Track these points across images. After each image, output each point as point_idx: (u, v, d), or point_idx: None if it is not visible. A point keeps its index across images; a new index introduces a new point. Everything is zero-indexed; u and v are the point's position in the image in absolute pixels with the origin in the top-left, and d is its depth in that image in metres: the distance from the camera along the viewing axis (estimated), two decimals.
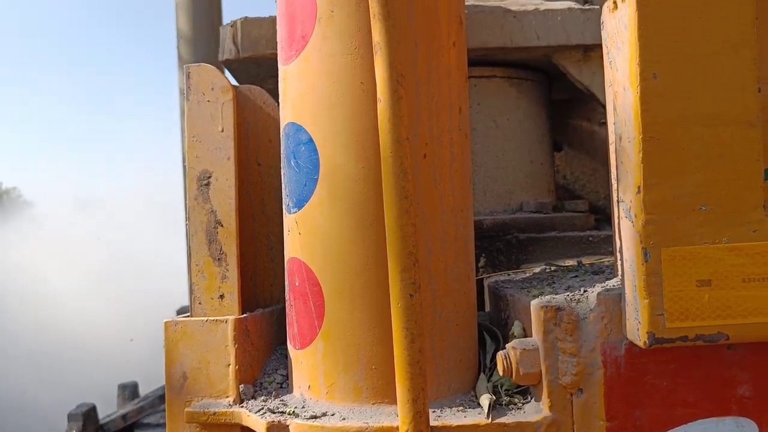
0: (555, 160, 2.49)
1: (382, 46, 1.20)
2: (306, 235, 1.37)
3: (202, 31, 4.92)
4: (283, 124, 1.45)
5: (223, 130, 1.52)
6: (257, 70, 1.97)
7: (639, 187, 1.11)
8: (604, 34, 1.29)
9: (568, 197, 3.09)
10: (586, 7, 1.88)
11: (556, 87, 2.28)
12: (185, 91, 1.53)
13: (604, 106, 1.61)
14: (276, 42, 1.51)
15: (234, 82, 2.18)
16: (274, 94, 2.11)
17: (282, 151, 1.46)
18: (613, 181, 1.28)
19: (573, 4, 1.91)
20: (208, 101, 1.52)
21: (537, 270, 1.66)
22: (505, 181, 2.00)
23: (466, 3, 1.90)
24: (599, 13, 1.43)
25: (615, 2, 1.18)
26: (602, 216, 2.52)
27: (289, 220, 1.42)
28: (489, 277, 1.75)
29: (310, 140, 1.36)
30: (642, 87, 1.11)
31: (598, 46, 1.76)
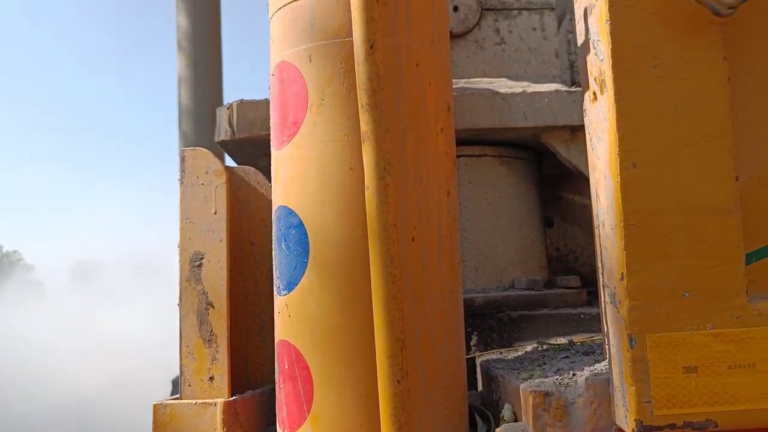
0: (547, 234, 2.51)
1: (370, 136, 1.23)
2: (295, 317, 1.38)
3: (204, 105, 5.03)
4: (274, 206, 1.47)
5: (216, 213, 1.54)
6: (252, 149, 2.02)
7: (622, 273, 1.13)
8: (586, 120, 1.34)
9: (562, 269, 3.10)
10: (573, 89, 1.94)
11: (546, 161, 2.32)
12: (180, 174, 1.57)
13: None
14: (270, 123, 1.56)
15: (229, 160, 2.23)
16: (268, 171, 2.16)
17: (273, 234, 1.48)
18: (599, 264, 1.30)
19: (560, 87, 1.97)
20: (202, 184, 1.55)
21: (529, 349, 1.66)
22: (496, 258, 2.02)
23: (456, 86, 1.96)
24: None
25: (594, 93, 1.23)
26: (595, 288, 2.52)
27: (279, 302, 1.43)
28: (481, 355, 1.75)
29: (301, 224, 1.39)
30: (622, 176, 1.14)
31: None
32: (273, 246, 1.48)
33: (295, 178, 1.40)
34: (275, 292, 1.46)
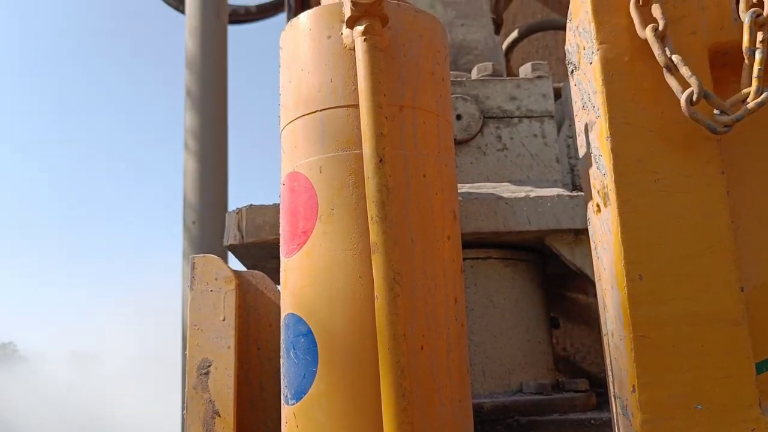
0: (553, 335, 2.50)
1: (380, 247, 1.26)
2: (304, 428, 1.36)
3: (209, 199, 5.11)
4: (283, 314, 1.48)
5: (224, 319, 1.55)
6: (260, 252, 2.04)
7: (633, 386, 1.13)
8: (590, 229, 1.37)
9: (569, 370, 3.06)
10: (574, 194, 1.98)
11: (550, 262, 2.34)
12: (189, 281, 1.58)
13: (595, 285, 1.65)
14: (279, 227, 1.59)
15: (237, 263, 2.25)
16: (275, 273, 2.18)
17: (282, 341, 1.48)
18: (609, 373, 1.29)
19: (562, 191, 2.02)
20: (211, 291, 1.57)
21: None
22: (504, 361, 2.01)
23: (460, 190, 2.01)
24: None
25: (598, 205, 1.26)
26: (603, 389, 2.49)
27: (287, 411, 1.42)
28: None
29: (309, 332, 1.39)
30: (629, 288, 1.15)
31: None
32: (281, 354, 1.48)
33: (305, 286, 1.42)
34: (283, 401, 1.45)
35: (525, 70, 2.19)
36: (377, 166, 1.30)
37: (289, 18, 4.54)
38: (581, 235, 1.99)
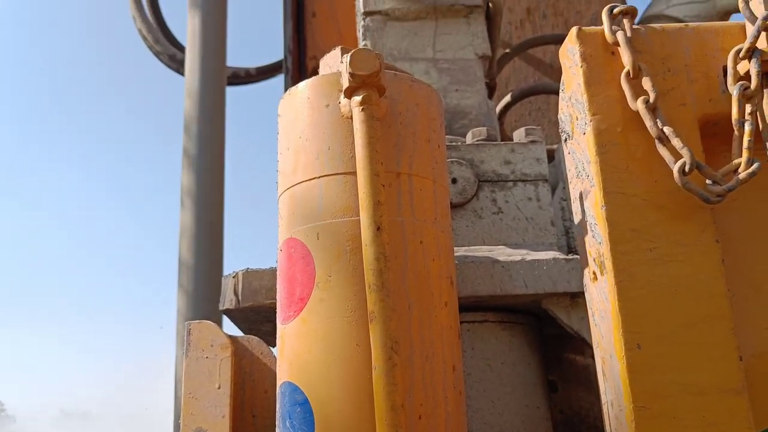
0: (552, 399, 2.47)
1: (378, 315, 1.26)
2: None
3: (204, 258, 5.10)
4: (279, 382, 1.47)
5: (219, 387, 1.53)
6: (256, 316, 2.03)
7: None
8: (587, 296, 1.37)
9: None
10: (570, 257, 1.99)
11: (547, 324, 2.33)
12: (185, 347, 1.57)
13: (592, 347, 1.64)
14: (275, 291, 1.58)
15: (232, 327, 2.24)
16: (270, 335, 2.16)
17: (277, 410, 1.46)
18: None
19: (557, 255, 2.02)
20: (207, 358, 1.56)
21: None
22: (502, 426, 1.98)
23: (457, 254, 2.01)
24: None
25: (594, 273, 1.27)
26: None
27: None
28: None
29: (306, 401, 1.38)
30: (628, 357, 1.15)
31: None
32: (277, 423, 1.46)
33: (301, 353, 1.41)
34: None
35: (519, 134, 2.22)
36: (375, 234, 1.31)
37: (286, 80, 4.62)
38: (578, 298, 1.98)
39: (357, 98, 1.42)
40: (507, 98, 3.13)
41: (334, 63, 1.74)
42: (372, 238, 1.30)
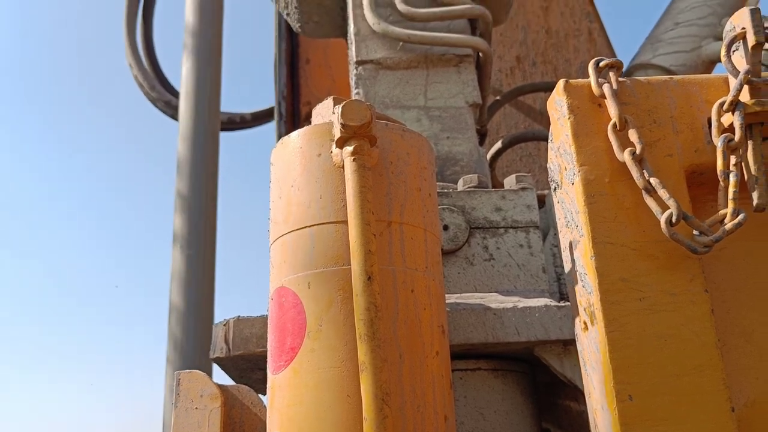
0: None
1: (368, 366, 1.25)
2: None
3: (196, 303, 5.08)
4: None
5: None
6: (247, 365, 2.01)
7: None
8: (579, 346, 1.37)
9: None
10: (562, 304, 1.99)
11: (540, 370, 2.32)
12: (174, 398, 1.55)
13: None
14: (266, 339, 1.57)
15: (223, 375, 2.21)
16: (261, 383, 2.14)
17: None
18: None
19: (549, 302, 2.02)
20: (196, 408, 1.54)
21: None
22: None
23: (448, 301, 2.01)
24: None
25: (585, 323, 1.27)
26: None
27: None
28: None
29: None
30: (619, 409, 1.14)
31: None
32: None
33: (292, 405, 1.40)
34: None
35: (509, 181, 2.24)
36: (366, 284, 1.31)
37: (279, 126, 4.66)
38: (570, 345, 1.98)
39: (348, 148, 1.44)
40: (498, 144, 3.17)
41: (326, 113, 1.77)
42: (363, 288, 1.31)
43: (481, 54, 2.59)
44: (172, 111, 5.60)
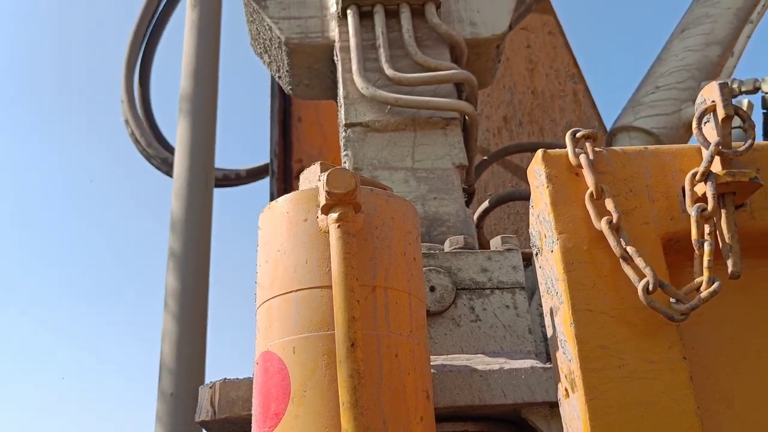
0: None
1: None
2: None
3: (187, 366, 5.03)
4: None
5: None
6: (233, 428, 2.00)
7: None
8: (561, 411, 1.37)
9: None
10: (548, 365, 2.00)
11: None
12: None
13: None
14: (252, 403, 1.57)
15: None
16: None
17: None
18: None
19: (535, 363, 2.03)
20: None
21: None
22: None
23: (434, 363, 2.01)
24: None
25: (566, 390, 1.28)
26: None
27: None
28: None
29: None
30: None
31: None
32: None
33: None
34: None
35: (495, 242, 2.27)
36: (349, 351, 1.33)
37: (271, 183, 4.72)
38: (556, 408, 1.97)
39: (333, 215, 1.47)
40: (485, 204, 3.22)
41: (314, 177, 1.80)
42: (346, 355, 1.32)
43: (467, 117, 2.65)
44: (167, 168, 5.65)
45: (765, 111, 2.68)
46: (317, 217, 1.55)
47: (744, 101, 2.68)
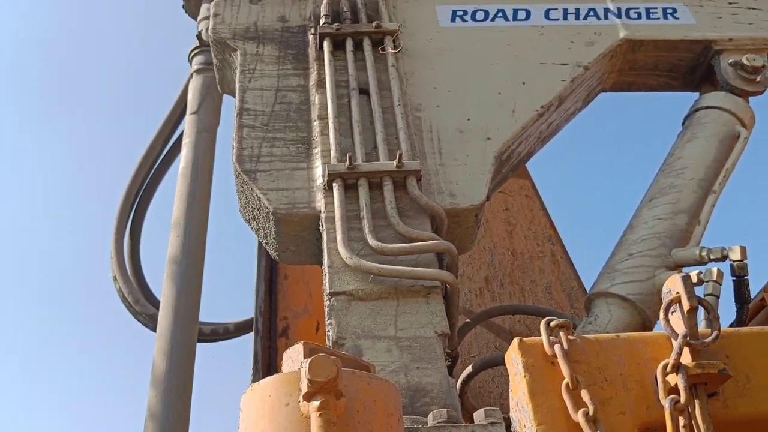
0: None
1: None
2: None
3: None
4: None
5: None
6: None
7: None
8: None
9: None
10: None
11: None
12: None
13: None
14: None
15: None
16: None
17: None
18: None
19: None
20: None
21: None
22: None
23: None
24: None
25: None
26: None
27: None
28: None
29: None
30: None
31: None
32: None
33: None
34: None
35: (479, 416, 2.25)
36: None
37: (256, 341, 4.68)
38: None
39: (315, 403, 1.48)
40: (469, 369, 3.22)
41: (297, 358, 1.82)
42: None
43: (448, 286, 2.71)
44: (153, 324, 5.61)
45: (734, 278, 2.77)
46: (299, 402, 1.56)
47: (714, 269, 2.77)
